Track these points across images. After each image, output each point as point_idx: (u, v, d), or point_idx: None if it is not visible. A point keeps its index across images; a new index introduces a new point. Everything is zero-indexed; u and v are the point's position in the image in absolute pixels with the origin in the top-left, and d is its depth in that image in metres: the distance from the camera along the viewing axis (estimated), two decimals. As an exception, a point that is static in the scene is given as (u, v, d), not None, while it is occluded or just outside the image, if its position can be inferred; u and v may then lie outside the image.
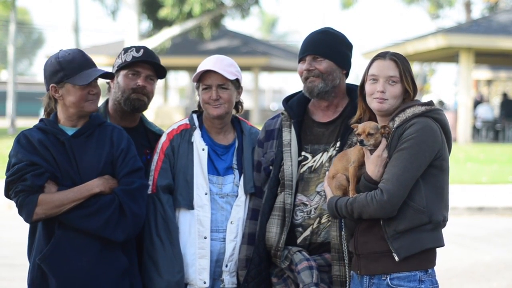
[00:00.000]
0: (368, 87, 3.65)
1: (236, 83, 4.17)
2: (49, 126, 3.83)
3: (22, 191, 3.71)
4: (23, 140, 3.80)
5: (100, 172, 3.80)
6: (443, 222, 3.57)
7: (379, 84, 3.61)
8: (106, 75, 3.89)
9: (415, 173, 3.47)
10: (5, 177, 3.77)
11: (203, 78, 4.12)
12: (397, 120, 3.57)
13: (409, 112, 3.57)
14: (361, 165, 3.62)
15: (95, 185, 3.75)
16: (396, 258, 3.49)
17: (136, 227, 3.81)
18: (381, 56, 3.67)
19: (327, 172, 3.86)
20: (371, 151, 3.57)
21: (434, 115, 3.58)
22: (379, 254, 3.54)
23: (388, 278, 3.52)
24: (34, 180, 3.71)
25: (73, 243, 3.75)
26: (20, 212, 3.76)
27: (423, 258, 3.54)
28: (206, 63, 4.12)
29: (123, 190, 3.78)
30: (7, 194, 3.80)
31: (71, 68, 3.80)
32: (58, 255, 3.74)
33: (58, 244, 3.74)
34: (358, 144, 3.60)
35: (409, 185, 3.46)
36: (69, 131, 3.84)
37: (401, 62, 3.63)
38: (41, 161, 3.74)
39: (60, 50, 3.91)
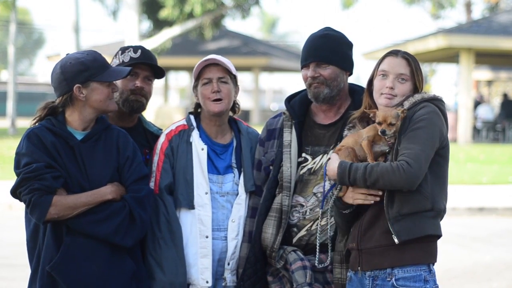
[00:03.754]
0: (377, 83, 3.65)
1: (234, 79, 4.19)
2: (58, 128, 3.79)
3: (39, 189, 3.67)
4: (35, 139, 3.74)
5: (110, 179, 3.80)
6: (443, 212, 3.57)
7: (389, 80, 3.61)
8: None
9: (431, 152, 3.47)
10: (19, 173, 3.71)
11: (203, 73, 4.13)
12: (407, 104, 3.57)
13: (418, 96, 3.59)
14: (376, 141, 3.57)
15: (108, 192, 3.76)
16: (396, 241, 3.46)
17: (143, 233, 3.85)
18: (394, 53, 3.67)
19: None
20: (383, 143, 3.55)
21: (439, 105, 3.60)
22: (383, 248, 3.52)
23: (394, 279, 3.50)
24: (52, 181, 3.69)
25: (82, 250, 3.74)
26: (32, 211, 3.70)
27: (427, 251, 3.53)
28: (205, 58, 4.14)
29: (133, 197, 3.79)
30: (15, 191, 3.74)
31: (96, 67, 3.80)
32: (68, 263, 3.72)
33: (68, 251, 3.73)
34: (380, 134, 3.52)
35: (428, 161, 3.46)
36: (78, 135, 3.82)
37: (413, 61, 3.64)
38: (56, 165, 3.72)
39: (68, 54, 3.89)
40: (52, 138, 3.76)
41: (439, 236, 3.57)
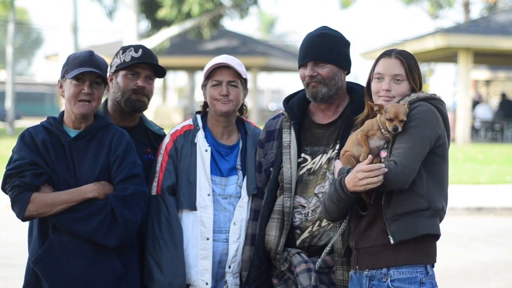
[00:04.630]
0: (374, 86, 3.65)
1: (244, 83, 4.18)
2: (53, 127, 3.84)
3: (19, 186, 3.72)
4: (27, 138, 3.81)
5: (96, 178, 3.80)
6: (441, 211, 3.54)
7: (385, 83, 3.61)
8: (103, 77, 3.88)
9: (423, 150, 3.46)
10: (5, 170, 3.78)
11: (213, 74, 4.11)
12: (401, 102, 3.57)
13: (414, 96, 3.58)
14: (370, 135, 3.56)
15: (89, 190, 3.75)
16: (391, 241, 3.46)
17: (128, 233, 3.79)
18: (387, 54, 3.66)
19: (327, 173, 3.86)
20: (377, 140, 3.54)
21: (437, 104, 3.59)
22: (379, 248, 3.51)
23: (389, 280, 3.50)
24: (32, 178, 3.72)
25: (66, 247, 3.75)
26: (13, 207, 3.78)
27: (423, 251, 3.51)
28: (217, 59, 4.12)
29: (116, 196, 3.77)
30: (4, 188, 3.82)
31: (72, 64, 3.83)
32: (51, 259, 3.74)
33: (51, 247, 3.75)
34: (392, 131, 3.48)
35: (419, 160, 3.44)
36: (72, 133, 3.84)
37: (406, 60, 3.63)
38: (41, 163, 3.75)
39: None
40: (45, 137, 3.80)
41: (437, 236, 3.54)
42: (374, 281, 3.54)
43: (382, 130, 3.55)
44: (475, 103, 30.95)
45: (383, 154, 3.53)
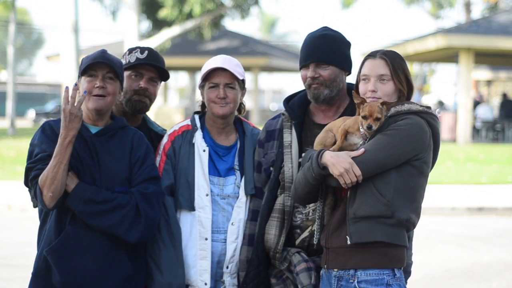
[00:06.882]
0: (361, 87, 3.67)
1: (242, 83, 4.17)
2: None
3: (36, 176, 3.70)
4: (48, 130, 3.80)
5: (126, 174, 3.81)
6: (406, 222, 3.51)
7: (370, 84, 3.62)
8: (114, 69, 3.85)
9: (385, 160, 3.46)
10: (27, 163, 3.76)
11: (210, 77, 4.10)
12: (393, 110, 3.58)
13: (406, 106, 3.57)
14: (350, 132, 3.60)
15: (66, 132, 3.65)
16: (348, 242, 3.49)
17: (149, 230, 3.82)
18: (372, 55, 3.68)
19: None
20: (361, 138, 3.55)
21: (429, 118, 3.58)
22: (348, 248, 3.52)
23: (356, 281, 3.51)
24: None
25: (81, 241, 3.75)
26: (38, 201, 3.72)
27: (391, 256, 3.51)
28: (214, 62, 4.10)
29: (140, 192, 3.80)
30: (26, 182, 3.79)
31: (85, 62, 3.84)
32: (65, 250, 3.74)
33: (67, 239, 3.75)
34: (366, 129, 3.52)
35: (373, 167, 3.45)
36: (92, 129, 3.85)
37: (391, 60, 3.63)
38: None
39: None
40: None
41: (398, 244, 3.51)
42: (342, 282, 3.55)
43: (361, 129, 3.57)
44: (476, 103, 30.94)
45: (361, 151, 3.52)
